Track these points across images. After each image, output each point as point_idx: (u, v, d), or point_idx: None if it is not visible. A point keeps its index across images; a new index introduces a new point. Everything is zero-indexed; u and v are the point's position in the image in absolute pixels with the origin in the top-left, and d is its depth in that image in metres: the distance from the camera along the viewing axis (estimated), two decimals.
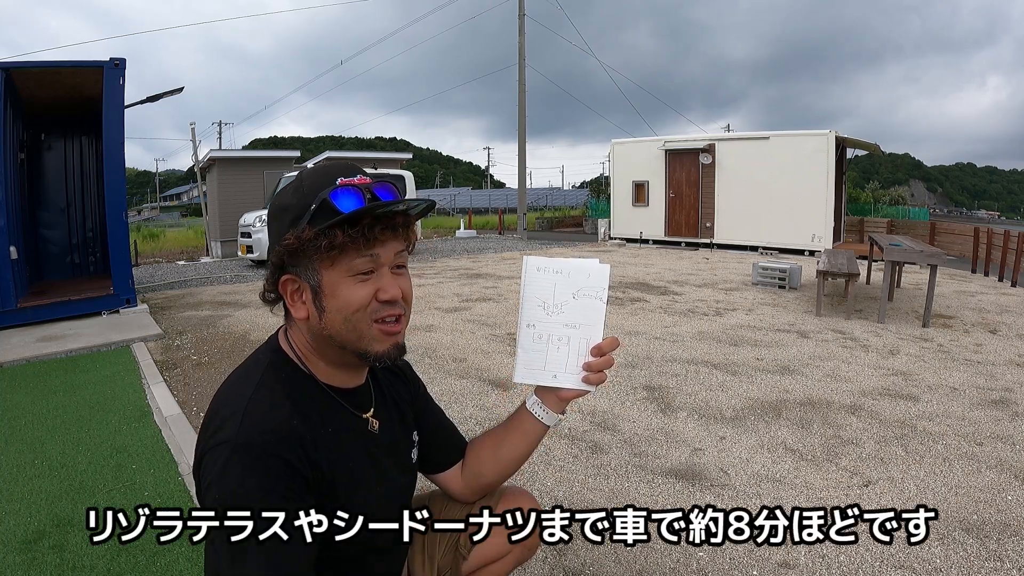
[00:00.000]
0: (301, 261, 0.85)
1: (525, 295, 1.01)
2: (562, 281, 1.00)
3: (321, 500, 0.83)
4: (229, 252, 12.48)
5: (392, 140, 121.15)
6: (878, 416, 2.96)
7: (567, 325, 0.99)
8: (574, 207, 31.03)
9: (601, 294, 0.99)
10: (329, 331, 0.87)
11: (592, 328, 0.99)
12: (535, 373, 1.00)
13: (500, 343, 4.45)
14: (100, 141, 5.77)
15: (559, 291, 1.00)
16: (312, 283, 0.86)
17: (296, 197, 0.86)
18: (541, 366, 1.00)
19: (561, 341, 0.99)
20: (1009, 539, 1.88)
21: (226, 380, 0.91)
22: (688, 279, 7.85)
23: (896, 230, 13.75)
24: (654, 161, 13.35)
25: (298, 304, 0.88)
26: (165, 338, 4.73)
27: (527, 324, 1.00)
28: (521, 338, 1.01)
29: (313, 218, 0.83)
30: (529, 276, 1.01)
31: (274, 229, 0.89)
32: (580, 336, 0.99)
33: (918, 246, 5.69)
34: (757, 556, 1.81)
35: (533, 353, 1.00)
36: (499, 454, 1.11)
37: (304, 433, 0.82)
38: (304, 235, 0.83)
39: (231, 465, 0.76)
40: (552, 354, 1.00)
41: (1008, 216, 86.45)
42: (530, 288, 1.00)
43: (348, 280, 0.85)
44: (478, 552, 1.13)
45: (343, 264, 0.84)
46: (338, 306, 0.85)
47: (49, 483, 2.33)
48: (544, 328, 1.00)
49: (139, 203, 59.57)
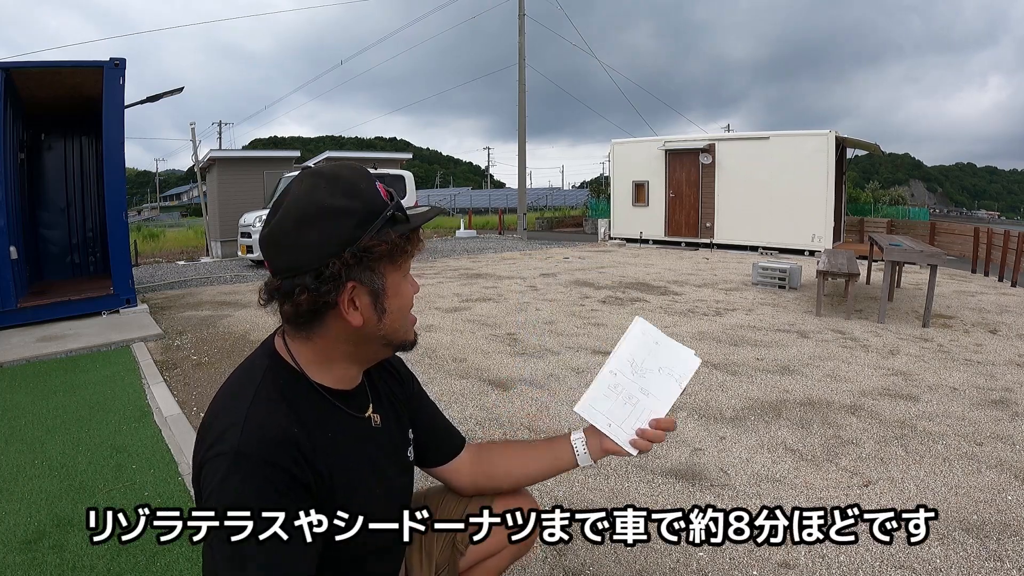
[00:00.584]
0: (369, 266, 0.84)
1: (621, 346, 1.08)
2: (657, 352, 1.07)
3: (321, 505, 0.82)
4: (229, 252, 12.48)
5: (392, 140, 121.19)
6: (878, 416, 2.96)
7: (642, 390, 1.06)
8: (574, 207, 31.04)
9: (683, 381, 1.05)
10: (386, 330, 0.90)
11: (660, 403, 1.05)
12: (595, 414, 1.06)
13: (500, 343, 4.45)
14: (100, 141, 5.77)
15: (650, 359, 1.07)
16: (375, 286, 0.86)
17: (353, 200, 0.83)
18: (603, 411, 1.06)
19: (630, 400, 1.05)
20: (1009, 539, 1.88)
21: (223, 387, 0.90)
22: (688, 279, 7.85)
23: (896, 230, 13.75)
24: (654, 161, 13.35)
25: (353, 312, 0.85)
26: (165, 338, 4.73)
27: (611, 370, 1.07)
28: (600, 377, 1.08)
29: (390, 222, 0.85)
30: (633, 333, 1.09)
31: (326, 232, 0.81)
32: (648, 405, 1.05)
33: (918, 246, 5.69)
34: (757, 556, 1.81)
35: (602, 396, 1.07)
36: (523, 466, 1.14)
37: (303, 440, 0.82)
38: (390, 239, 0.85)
39: (231, 476, 0.76)
40: (617, 406, 1.06)
41: (1008, 216, 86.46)
42: (628, 343, 1.08)
43: (404, 280, 0.91)
44: (475, 548, 1.14)
45: (403, 265, 0.90)
46: (400, 305, 0.90)
47: (49, 483, 2.33)
48: (623, 381, 1.06)
49: (139, 203, 59.58)
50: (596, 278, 7.90)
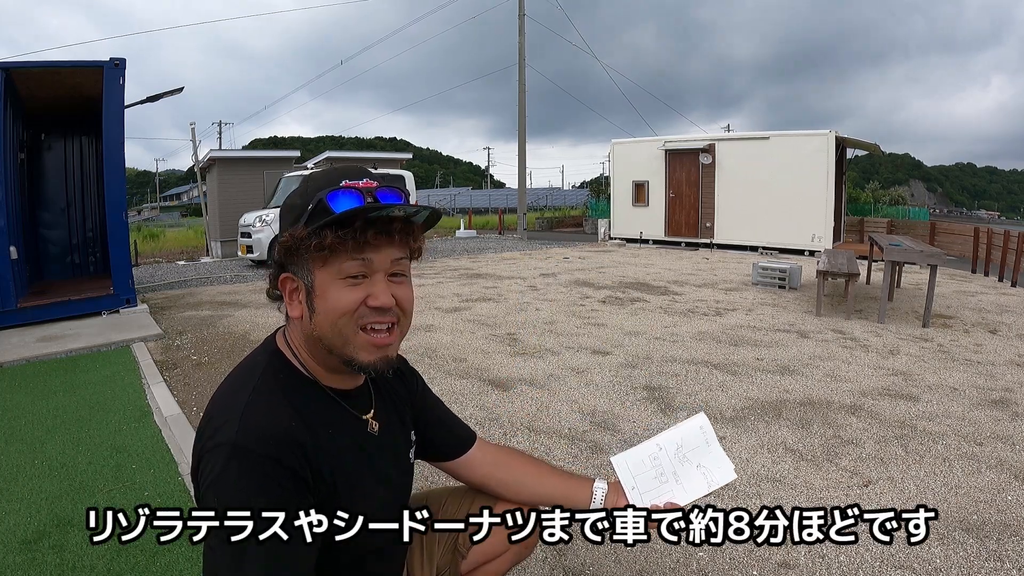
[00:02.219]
0: (297, 260, 0.86)
1: (675, 429, 1.16)
2: (703, 450, 1.14)
3: (321, 502, 0.82)
4: (229, 252, 12.48)
5: (392, 140, 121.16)
6: (878, 416, 2.96)
7: (675, 475, 1.12)
8: (574, 207, 31.03)
9: (713, 485, 1.11)
10: (318, 332, 0.86)
11: (685, 495, 1.10)
12: (626, 474, 1.13)
13: (500, 343, 4.45)
14: (100, 141, 5.77)
15: (694, 453, 1.13)
16: (306, 283, 0.86)
17: (301, 197, 0.88)
18: (635, 474, 1.13)
19: (662, 478, 1.12)
20: (1009, 539, 1.88)
21: (223, 383, 0.90)
22: (688, 279, 7.85)
23: (896, 230, 13.74)
24: (654, 161, 13.35)
25: (295, 303, 0.89)
26: (165, 338, 4.73)
27: (658, 444, 1.15)
28: (645, 444, 1.15)
29: (309, 218, 0.83)
30: (691, 424, 1.16)
31: (281, 227, 0.91)
32: (673, 490, 1.11)
33: (918, 246, 5.69)
34: (757, 556, 1.81)
35: (640, 463, 1.14)
36: (538, 484, 1.17)
37: (302, 436, 0.82)
38: (297, 233, 0.83)
39: (229, 468, 0.76)
40: (648, 477, 1.12)
41: (1008, 216, 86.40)
42: (683, 430, 1.15)
43: (338, 283, 0.84)
44: (476, 551, 1.14)
45: (334, 266, 0.83)
46: (326, 308, 0.85)
47: (49, 483, 2.33)
48: (664, 459, 1.13)
49: (139, 203, 59.56)
50: (596, 278, 7.90)
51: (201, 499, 0.79)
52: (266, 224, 9.82)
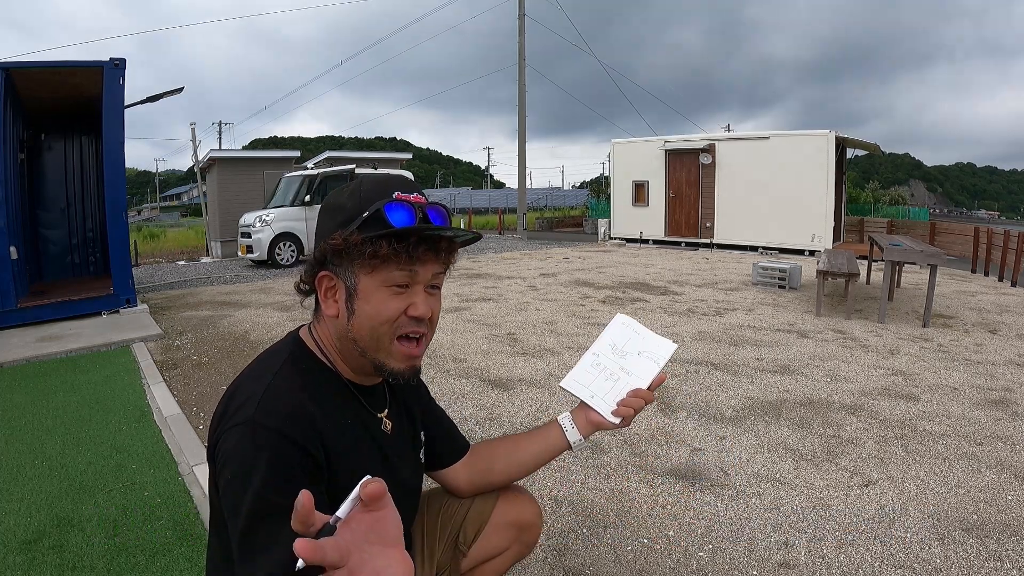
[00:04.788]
0: (343, 262, 0.87)
1: (603, 335, 1.17)
2: (636, 339, 1.16)
3: (330, 490, 0.83)
4: (229, 252, 12.48)
5: (392, 140, 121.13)
6: (878, 416, 2.96)
7: (622, 368, 1.13)
8: (574, 207, 31.02)
9: (660, 361, 1.13)
10: (355, 334, 0.88)
11: (640, 380, 1.11)
12: (578, 387, 1.13)
13: (500, 343, 4.45)
14: (100, 141, 5.77)
15: (630, 344, 1.16)
16: (348, 284, 0.87)
17: (352, 200, 0.88)
18: (586, 384, 1.13)
19: (612, 377, 1.12)
20: (1009, 539, 1.88)
21: (243, 370, 0.91)
22: (688, 279, 7.85)
23: (896, 230, 13.73)
24: (654, 161, 13.34)
25: (330, 301, 0.90)
26: (165, 338, 4.73)
27: (593, 353, 1.15)
28: (583, 360, 1.15)
29: (364, 224, 0.85)
30: (614, 325, 1.18)
31: (324, 225, 0.91)
32: (628, 381, 1.12)
33: (918, 246, 5.69)
34: (757, 556, 1.81)
35: (585, 373, 1.14)
36: (515, 456, 1.15)
37: (319, 420, 0.83)
38: (352, 238, 0.84)
39: (245, 444, 0.77)
40: (599, 381, 1.12)
41: (1008, 216, 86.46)
42: (609, 332, 1.17)
43: (383, 290, 0.87)
44: (477, 549, 1.15)
45: (382, 274, 0.86)
46: (369, 312, 0.87)
47: (49, 483, 2.33)
48: (604, 361, 1.14)
49: (139, 203, 59.61)
50: (596, 278, 7.90)
51: (217, 476, 0.80)
52: (266, 224, 9.81)
